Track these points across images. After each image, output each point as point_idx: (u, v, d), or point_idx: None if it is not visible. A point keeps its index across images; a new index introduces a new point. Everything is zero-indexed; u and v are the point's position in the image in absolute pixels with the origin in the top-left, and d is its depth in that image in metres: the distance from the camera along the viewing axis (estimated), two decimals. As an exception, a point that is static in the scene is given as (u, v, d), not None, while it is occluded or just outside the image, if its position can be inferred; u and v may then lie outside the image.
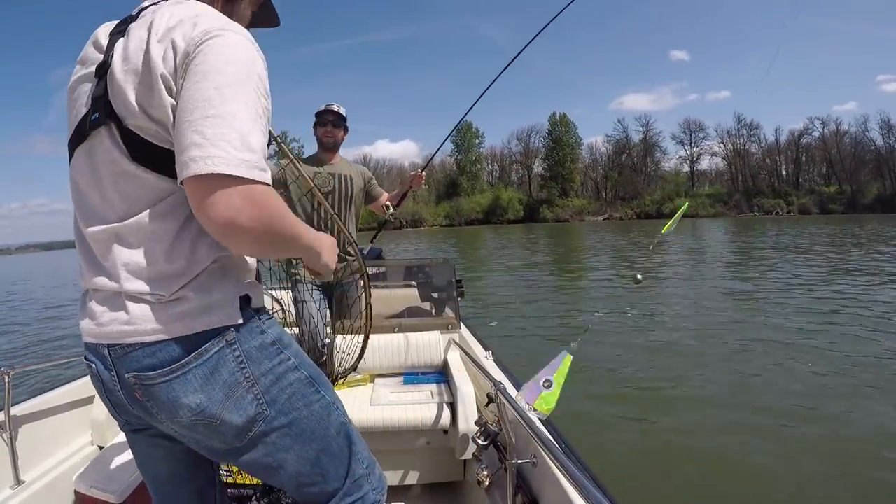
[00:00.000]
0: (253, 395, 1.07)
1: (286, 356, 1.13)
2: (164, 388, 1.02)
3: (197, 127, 0.91)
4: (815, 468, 3.93)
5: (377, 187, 3.47)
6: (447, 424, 2.53)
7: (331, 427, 1.20)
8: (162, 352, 1.00)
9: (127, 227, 1.02)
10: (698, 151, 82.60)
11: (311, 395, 1.16)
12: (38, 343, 10.22)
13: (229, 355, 1.05)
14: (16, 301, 18.65)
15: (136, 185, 1.02)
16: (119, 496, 2.33)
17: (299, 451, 1.15)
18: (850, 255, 18.44)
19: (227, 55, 0.97)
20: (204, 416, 1.04)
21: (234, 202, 0.90)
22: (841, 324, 8.12)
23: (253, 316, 1.10)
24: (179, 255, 1.02)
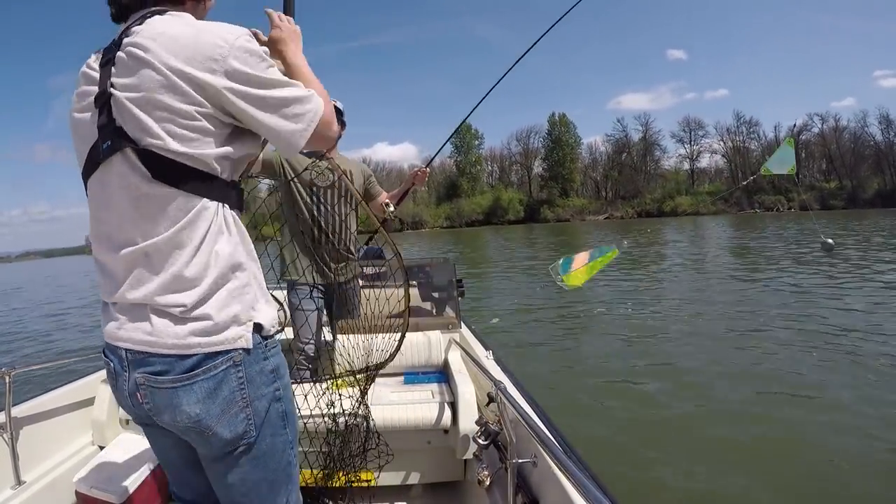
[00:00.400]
0: (245, 414, 1.16)
1: (278, 386, 1.22)
2: (169, 393, 1.10)
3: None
4: (824, 466, 3.93)
5: (377, 185, 3.33)
6: (448, 424, 2.53)
7: (281, 462, 1.27)
8: (176, 363, 1.09)
9: (152, 245, 1.08)
10: (698, 149, 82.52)
11: (279, 428, 1.25)
12: (39, 344, 10.23)
13: (233, 375, 1.13)
14: (17, 305, 18.67)
15: (157, 204, 1.08)
16: (119, 496, 2.33)
17: (248, 473, 1.22)
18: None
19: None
20: (199, 426, 1.13)
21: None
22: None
23: (261, 342, 1.17)
24: (201, 271, 1.10)
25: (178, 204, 1.08)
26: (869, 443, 4.17)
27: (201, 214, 1.10)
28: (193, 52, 1.06)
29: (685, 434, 4.53)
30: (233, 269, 1.14)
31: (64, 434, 2.65)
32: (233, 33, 1.10)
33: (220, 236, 1.13)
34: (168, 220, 1.08)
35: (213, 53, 1.07)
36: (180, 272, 1.08)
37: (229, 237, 1.15)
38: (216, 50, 1.07)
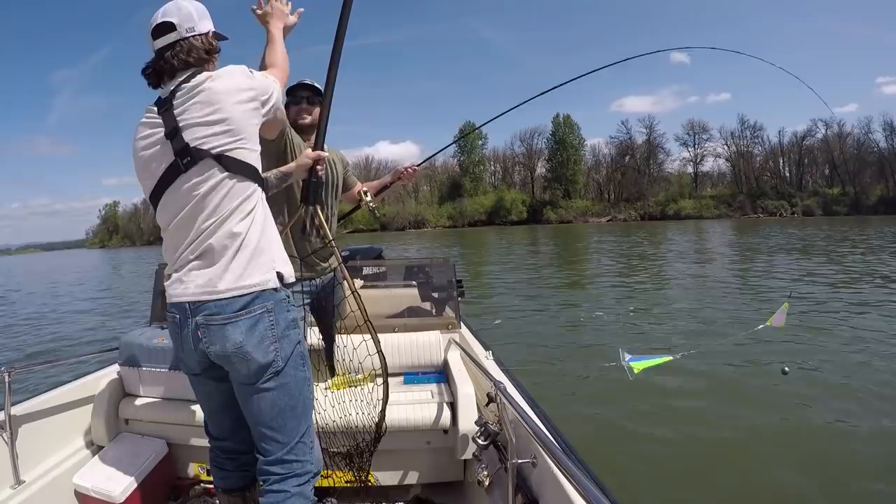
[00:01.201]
0: (273, 347, 1.62)
1: (297, 332, 1.70)
2: (222, 328, 1.58)
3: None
4: (820, 470, 3.93)
5: (352, 176, 3.04)
6: (447, 424, 2.53)
7: (302, 394, 1.71)
8: (227, 306, 1.57)
9: (220, 215, 1.59)
10: (702, 153, 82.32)
11: (300, 366, 1.71)
12: (39, 343, 10.24)
13: (266, 318, 1.61)
14: (16, 301, 18.67)
15: (224, 192, 1.60)
16: (118, 496, 2.34)
17: (277, 398, 1.65)
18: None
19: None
20: (241, 351, 1.59)
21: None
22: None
23: (285, 297, 1.66)
24: (254, 229, 1.62)
25: (238, 190, 1.62)
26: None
27: (250, 191, 1.64)
28: (228, 88, 1.62)
29: (687, 433, 4.54)
30: (267, 233, 1.66)
31: (63, 433, 2.65)
32: (239, 69, 1.71)
33: (262, 209, 1.67)
34: (230, 203, 1.60)
35: (241, 86, 1.66)
36: (239, 225, 1.60)
37: (264, 209, 1.69)
38: (241, 83, 1.67)
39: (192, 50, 1.69)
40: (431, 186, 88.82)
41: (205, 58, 1.73)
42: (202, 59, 1.72)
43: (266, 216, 1.69)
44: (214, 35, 1.80)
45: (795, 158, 77.61)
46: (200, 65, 1.71)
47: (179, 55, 1.68)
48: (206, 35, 1.75)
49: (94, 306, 15.49)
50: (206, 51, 1.73)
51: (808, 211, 68.61)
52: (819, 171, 78.22)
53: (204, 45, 1.73)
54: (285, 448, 1.68)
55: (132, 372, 2.73)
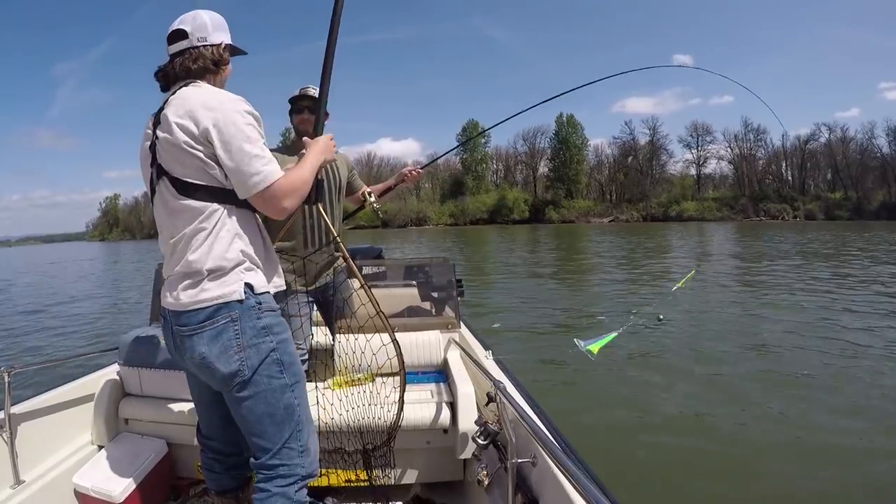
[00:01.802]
0: (238, 357, 1.60)
1: (270, 339, 1.66)
2: (188, 339, 1.61)
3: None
4: (826, 474, 3.92)
5: (358, 179, 3.12)
6: (447, 424, 2.52)
7: (282, 401, 1.68)
8: (192, 316, 1.59)
9: (181, 238, 1.62)
10: (705, 155, 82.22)
11: (275, 373, 1.67)
12: (39, 342, 10.24)
13: (230, 327, 1.59)
14: (16, 297, 18.66)
15: (182, 210, 1.61)
16: (118, 496, 2.34)
17: (253, 406, 1.65)
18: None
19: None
20: (205, 362, 1.60)
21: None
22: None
23: (254, 305, 1.63)
24: (206, 254, 1.59)
25: (191, 206, 1.60)
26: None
27: (208, 211, 1.60)
28: (195, 107, 1.56)
29: (688, 431, 4.55)
30: (234, 248, 1.62)
31: (63, 433, 2.65)
32: (225, 98, 1.61)
33: (226, 225, 1.62)
34: (188, 221, 1.61)
35: (209, 107, 1.57)
36: (196, 252, 1.59)
37: (231, 225, 1.64)
38: (210, 104, 1.57)
39: (199, 59, 1.71)
40: (433, 184, 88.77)
41: (210, 68, 1.73)
42: (207, 68, 1.73)
43: (236, 229, 1.65)
44: (229, 48, 1.80)
45: (798, 162, 77.52)
46: (203, 75, 1.72)
47: (186, 62, 1.70)
48: (218, 46, 1.76)
49: (95, 306, 15.48)
50: (213, 61, 1.73)
51: (811, 215, 68.53)
52: (821, 175, 78.10)
53: (212, 56, 1.74)
54: (269, 454, 1.68)
55: (132, 372, 2.73)
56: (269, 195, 1.59)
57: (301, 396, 1.75)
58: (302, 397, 1.75)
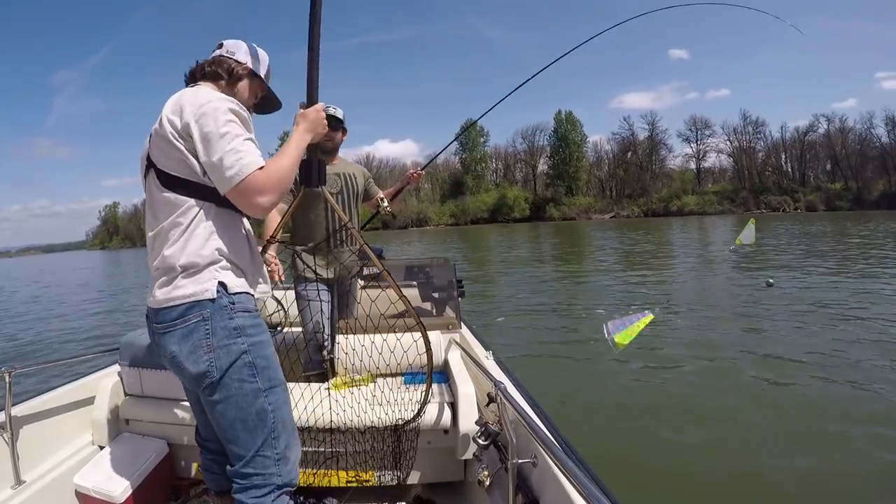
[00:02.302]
0: (207, 357, 1.57)
1: (241, 341, 1.61)
2: (162, 336, 1.61)
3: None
4: (827, 469, 3.93)
5: (374, 186, 3.49)
6: (448, 424, 2.52)
7: (252, 406, 1.62)
8: (165, 314, 1.59)
9: (159, 231, 1.63)
10: (704, 149, 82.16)
11: (247, 377, 1.61)
12: (39, 343, 10.26)
13: (201, 327, 1.57)
14: (17, 301, 18.71)
15: (163, 203, 1.61)
16: (119, 496, 2.34)
17: (224, 410, 1.61)
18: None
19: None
20: (175, 361, 1.60)
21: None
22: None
23: (227, 305, 1.59)
24: (181, 249, 1.58)
25: (171, 200, 1.60)
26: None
27: (185, 206, 1.60)
28: (184, 103, 1.57)
29: (689, 430, 4.53)
30: (210, 246, 1.60)
31: (64, 434, 2.65)
32: (213, 97, 1.59)
33: (202, 221, 1.60)
34: (167, 214, 1.60)
35: (194, 106, 1.56)
36: (173, 245, 1.59)
37: (208, 222, 1.61)
38: (196, 103, 1.56)
39: (217, 65, 1.79)
40: (433, 184, 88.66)
41: (222, 76, 1.78)
42: (219, 75, 1.78)
43: (214, 227, 1.63)
44: (252, 73, 1.86)
45: (797, 154, 77.48)
46: (215, 80, 1.78)
47: (206, 65, 1.79)
48: (240, 63, 1.82)
49: (93, 305, 15.50)
50: (227, 70, 1.79)
51: (811, 206, 68.52)
52: (821, 166, 78.07)
53: (229, 67, 1.80)
54: (243, 460, 1.65)
55: (132, 372, 2.73)
56: (242, 189, 1.54)
57: (277, 402, 1.68)
58: (278, 403, 1.69)
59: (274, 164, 1.60)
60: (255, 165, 1.54)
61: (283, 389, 1.72)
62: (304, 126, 1.77)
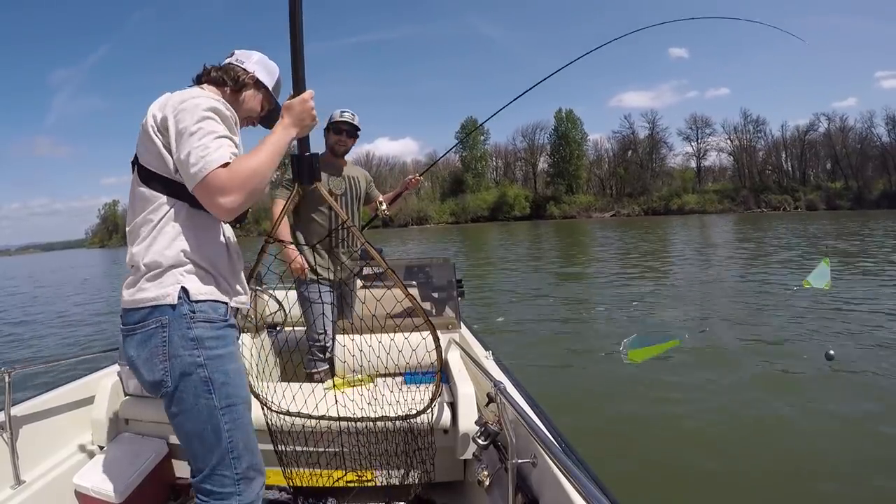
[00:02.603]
0: (163, 366, 1.51)
1: (198, 353, 1.51)
2: (124, 338, 1.57)
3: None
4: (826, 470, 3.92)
5: (375, 189, 3.62)
6: (447, 424, 2.52)
7: (208, 422, 1.54)
8: (129, 316, 1.55)
9: (132, 227, 1.59)
10: (705, 147, 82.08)
11: (203, 392, 1.52)
12: (39, 343, 10.26)
13: (159, 333, 1.50)
14: (17, 301, 18.71)
15: (139, 198, 1.58)
16: (119, 496, 2.33)
17: (181, 423, 1.56)
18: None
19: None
20: (133, 365, 1.57)
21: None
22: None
23: (187, 313, 1.51)
24: (146, 247, 1.54)
25: (146, 195, 1.56)
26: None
27: (158, 203, 1.55)
28: (169, 100, 1.55)
29: (689, 429, 4.54)
30: (176, 247, 1.53)
31: (64, 434, 2.65)
32: (198, 94, 1.55)
33: (171, 221, 1.55)
34: (141, 210, 1.57)
35: (177, 101, 1.53)
36: (142, 242, 1.55)
37: (178, 223, 1.55)
38: (180, 99, 1.53)
39: (224, 70, 1.77)
40: (433, 182, 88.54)
41: (227, 82, 1.76)
42: (223, 80, 1.76)
43: (183, 228, 1.55)
44: (257, 83, 1.82)
45: (797, 153, 77.43)
46: (219, 85, 1.76)
47: (213, 70, 1.78)
48: (247, 73, 1.80)
49: (96, 308, 15.50)
50: (233, 78, 1.76)
51: (812, 205, 68.45)
52: (821, 164, 78.01)
53: (235, 75, 1.77)
54: (201, 475, 1.59)
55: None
56: (203, 187, 1.44)
57: (235, 422, 1.58)
58: (237, 423, 1.58)
59: (241, 162, 1.47)
60: (218, 162, 1.43)
61: (244, 408, 1.62)
62: (289, 119, 1.63)
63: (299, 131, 1.66)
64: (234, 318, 1.67)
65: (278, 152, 1.56)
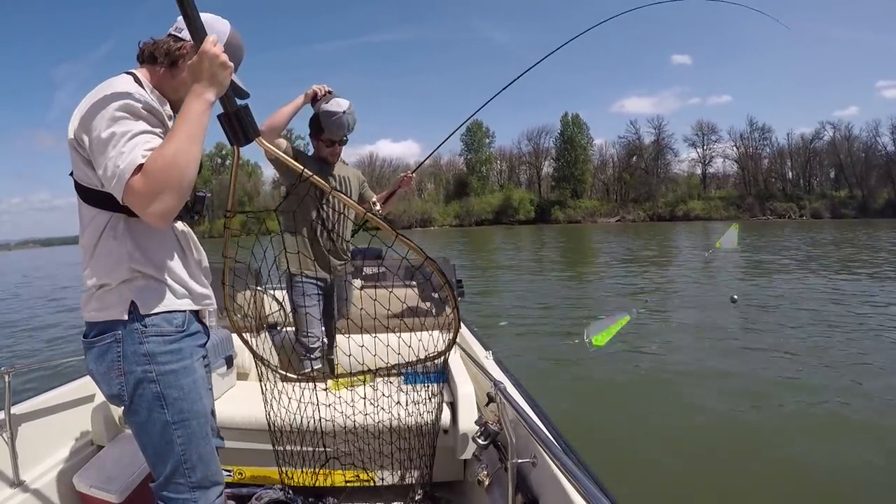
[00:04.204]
0: (119, 381, 1.47)
1: (149, 368, 1.46)
2: (85, 351, 1.53)
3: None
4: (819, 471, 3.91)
5: (369, 190, 3.53)
6: (447, 424, 2.52)
7: (162, 437, 1.51)
8: (89, 330, 1.52)
9: (80, 244, 1.52)
10: (710, 154, 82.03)
11: (155, 407, 1.49)
12: (39, 343, 10.28)
13: (114, 348, 1.46)
14: (16, 300, 18.74)
15: (80, 215, 1.49)
16: (119, 496, 2.32)
17: (137, 435, 1.55)
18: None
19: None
20: (94, 378, 1.54)
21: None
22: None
23: (138, 328, 1.45)
24: (94, 268, 1.47)
25: (85, 213, 1.48)
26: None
27: (95, 220, 1.46)
28: (85, 101, 1.39)
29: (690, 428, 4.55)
30: (120, 263, 1.45)
31: (63, 433, 2.65)
32: (108, 92, 1.35)
33: (110, 238, 1.45)
34: (83, 226, 1.49)
35: (85, 107, 1.37)
36: (87, 263, 1.49)
37: (118, 238, 1.45)
38: (88, 103, 1.37)
39: (155, 45, 1.54)
40: (436, 184, 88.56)
41: (160, 59, 1.53)
42: (156, 58, 1.53)
43: (128, 241, 1.45)
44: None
45: (802, 161, 77.35)
46: (152, 63, 1.54)
47: (145, 48, 1.55)
48: (180, 41, 1.53)
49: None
50: (164, 52, 1.52)
51: (817, 213, 68.40)
52: (825, 173, 77.95)
53: (167, 47, 1.53)
54: (158, 482, 1.58)
55: None
56: (128, 200, 1.30)
57: (189, 436, 1.53)
58: (191, 437, 1.54)
59: (155, 159, 1.28)
60: (130, 169, 1.27)
61: (198, 423, 1.55)
62: (199, 84, 1.35)
63: (217, 89, 1.37)
64: (199, 320, 1.63)
65: (197, 129, 1.33)
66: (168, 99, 1.56)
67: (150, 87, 1.51)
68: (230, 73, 1.39)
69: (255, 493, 2.49)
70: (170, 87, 1.55)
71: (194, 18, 1.33)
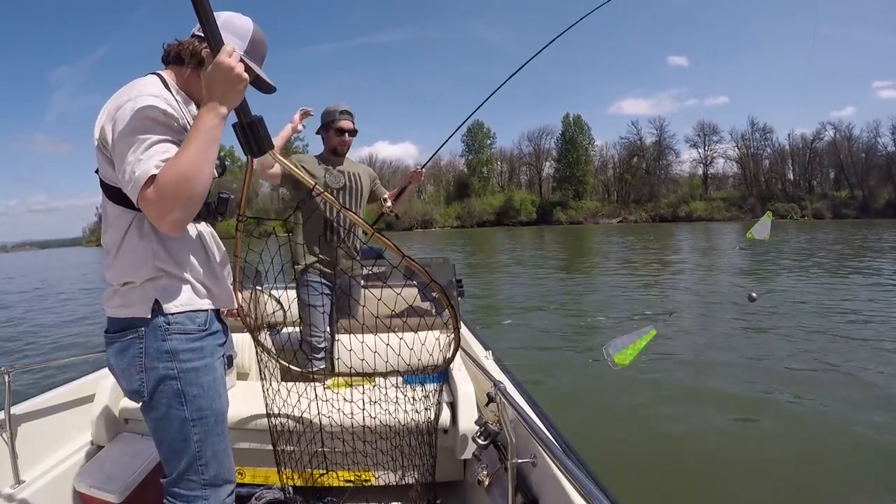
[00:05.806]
0: (139, 377, 1.49)
1: (171, 365, 1.48)
2: (106, 346, 1.56)
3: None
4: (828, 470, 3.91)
5: (381, 187, 3.53)
6: (447, 424, 2.51)
7: (179, 433, 1.53)
8: (111, 325, 1.54)
9: (104, 242, 1.56)
10: (711, 154, 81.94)
11: (175, 403, 1.51)
12: (39, 343, 10.29)
13: (136, 344, 1.48)
14: (16, 300, 18.74)
15: (105, 213, 1.54)
16: (119, 496, 2.33)
17: (154, 431, 1.56)
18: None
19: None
20: (113, 373, 1.57)
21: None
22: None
23: (161, 325, 1.48)
24: (118, 267, 1.50)
25: (110, 211, 1.51)
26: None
27: (119, 218, 1.49)
28: (110, 103, 1.44)
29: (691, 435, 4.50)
30: (145, 261, 1.47)
31: (63, 433, 2.65)
32: (134, 95, 1.38)
33: (135, 236, 1.48)
34: (108, 223, 1.52)
35: (112, 108, 1.40)
36: (111, 261, 1.52)
37: (143, 236, 1.47)
38: (115, 105, 1.40)
39: (180, 47, 1.57)
40: (437, 185, 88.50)
41: (185, 59, 1.56)
42: (181, 58, 1.56)
43: (151, 240, 1.48)
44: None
45: (803, 161, 77.31)
46: (178, 64, 1.58)
47: (171, 50, 1.59)
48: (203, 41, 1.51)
49: (95, 307, 15.54)
50: (189, 53, 1.55)
51: (818, 214, 68.38)
52: (825, 173, 77.93)
53: (192, 48, 1.55)
54: (170, 478, 1.58)
55: None
56: (142, 209, 1.35)
57: (206, 433, 1.56)
58: (207, 434, 1.56)
59: (167, 172, 1.30)
60: (143, 179, 1.30)
61: (215, 421, 1.58)
62: (213, 94, 1.35)
63: (231, 102, 1.37)
64: (220, 319, 1.66)
65: (209, 142, 1.34)
66: (194, 99, 1.59)
67: (177, 87, 1.55)
68: (245, 85, 1.38)
69: (255, 493, 2.49)
70: (197, 87, 1.54)
71: (211, 26, 1.32)
